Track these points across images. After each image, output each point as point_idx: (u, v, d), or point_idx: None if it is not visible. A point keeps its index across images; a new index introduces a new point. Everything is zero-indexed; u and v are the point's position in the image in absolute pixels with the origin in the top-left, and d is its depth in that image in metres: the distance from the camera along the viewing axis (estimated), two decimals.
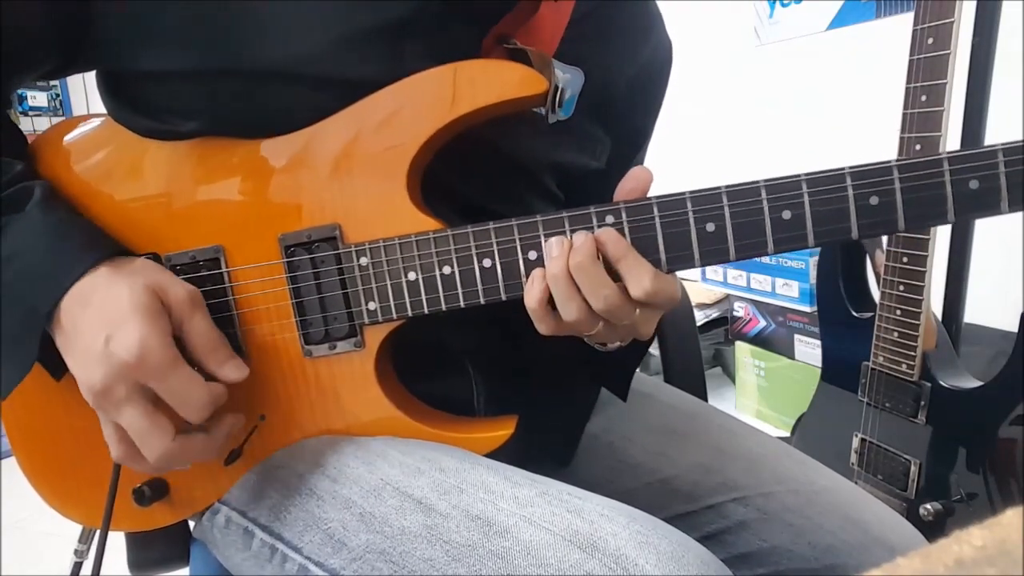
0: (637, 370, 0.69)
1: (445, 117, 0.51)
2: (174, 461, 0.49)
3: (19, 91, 3.32)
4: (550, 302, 0.49)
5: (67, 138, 0.58)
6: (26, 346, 0.50)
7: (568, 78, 0.55)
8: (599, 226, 0.49)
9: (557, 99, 0.54)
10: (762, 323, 1.84)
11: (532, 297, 0.49)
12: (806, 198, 0.47)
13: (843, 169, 0.46)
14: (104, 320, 0.47)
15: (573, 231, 0.49)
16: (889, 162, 0.46)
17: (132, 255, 0.53)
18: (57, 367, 0.55)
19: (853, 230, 0.47)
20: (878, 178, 0.46)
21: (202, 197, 0.55)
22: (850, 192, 0.46)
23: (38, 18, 0.53)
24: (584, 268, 0.47)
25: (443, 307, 0.52)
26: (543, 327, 0.50)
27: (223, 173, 0.54)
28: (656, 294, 0.47)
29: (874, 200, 0.46)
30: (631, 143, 0.70)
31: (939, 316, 1.15)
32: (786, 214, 0.47)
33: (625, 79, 0.64)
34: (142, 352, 0.46)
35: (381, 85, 0.51)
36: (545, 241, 0.50)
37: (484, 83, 0.50)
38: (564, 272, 0.48)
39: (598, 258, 0.48)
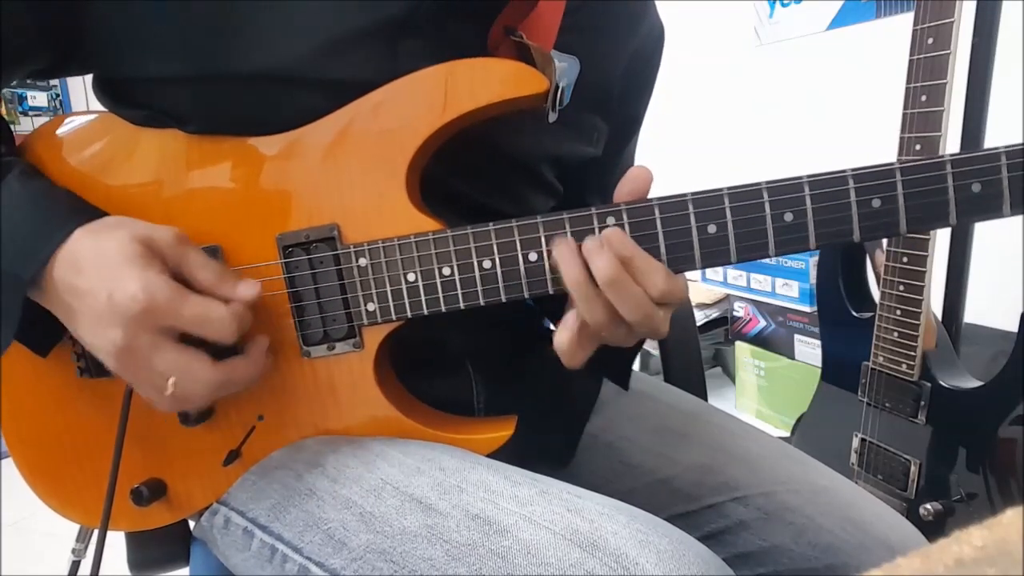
0: (636, 370, 0.69)
1: (443, 117, 0.51)
2: (222, 389, 0.49)
3: (19, 91, 3.33)
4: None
5: (58, 135, 0.57)
6: (8, 315, 0.50)
7: (564, 67, 0.55)
8: (600, 227, 0.49)
9: (558, 98, 0.54)
10: (762, 323, 1.84)
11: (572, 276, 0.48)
12: (808, 200, 0.46)
13: (845, 171, 0.46)
14: (100, 279, 0.47)
15: (574, 232, 0.49)
16: (891, 164, 0.45)
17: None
18: (41, 344, 0.54)
19: (855, 232, 0.46)
20: (880, 180, 0.45)
21: (198, 196, 0.54)
22: (852, 195, 0.46)
23: (23, 13, 0.52)
24: (617, 281, 0.47)
25: (443, 308, 0.52)
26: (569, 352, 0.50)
27: (218, 172, 0.54)
28: (670, 293, 0.48)
29: (876, 203, 0.46)
30: (626, 129, 0.70)
31: (939, 316, 1.15)
32: (788, 216, 0.47)
33: (620, 67, 0.64)
34: (147, 295, 0.46)
35: (376, 86, 0.51)
36: (548, 243, 0.49)
37: (483, 82, 0.50)
38: (585, 277, 0.48)
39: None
